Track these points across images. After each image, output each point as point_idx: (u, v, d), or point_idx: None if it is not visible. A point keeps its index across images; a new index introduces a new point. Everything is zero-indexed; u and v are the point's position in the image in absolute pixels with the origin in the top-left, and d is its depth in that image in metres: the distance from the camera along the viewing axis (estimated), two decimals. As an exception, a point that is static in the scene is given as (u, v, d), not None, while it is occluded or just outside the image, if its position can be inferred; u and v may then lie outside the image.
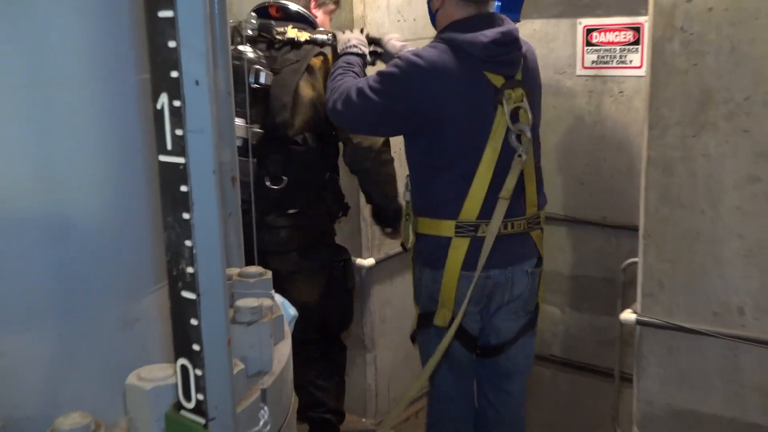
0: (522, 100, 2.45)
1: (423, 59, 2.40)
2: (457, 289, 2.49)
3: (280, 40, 2.82)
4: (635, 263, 2.64)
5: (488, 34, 2.39)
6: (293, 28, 2.81)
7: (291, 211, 2.88)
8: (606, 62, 3.37)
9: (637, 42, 2.78)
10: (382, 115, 2.47)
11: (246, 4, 3.45)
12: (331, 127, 2.85)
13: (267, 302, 1.43)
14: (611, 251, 3.59)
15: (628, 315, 2.63)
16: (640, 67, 2.87)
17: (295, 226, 2.89)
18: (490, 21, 2.47)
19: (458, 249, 2.48)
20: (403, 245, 2.73)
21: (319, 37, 2.82)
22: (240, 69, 2.57)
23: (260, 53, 2.74)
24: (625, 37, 2.82)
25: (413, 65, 2.39)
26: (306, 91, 2.79)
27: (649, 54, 2.43)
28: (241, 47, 2.68)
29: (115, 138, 1.19)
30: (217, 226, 1.00)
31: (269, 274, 1.55)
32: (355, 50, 2.69)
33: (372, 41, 2.81)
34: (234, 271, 1.56)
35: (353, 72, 2.60)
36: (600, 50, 3.24)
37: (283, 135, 2.77)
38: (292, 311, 1.71)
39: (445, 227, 2.49)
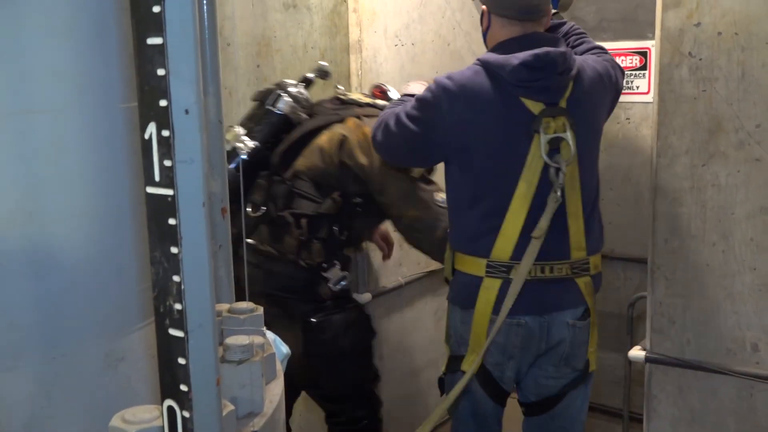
0: (564, 131, 2.23)
1: (453, 81, 2.27)
2: (487, 333, 2.29)
3: (344, 99, 2.82)
4: (644, 297, 2.57)
5: (520, 56, 2.20)
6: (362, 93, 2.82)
7: (260, 247, 2.66)
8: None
9: (644, 67, 2.73)
10: (419, 143, 2.34)
11: (238, 29, 3.41)
12: (348, 189, 2.66)
13: (258, 340, 1.40)
14: (619, 285, 3.52)
15: (636, 352, 2.56)
16: (647, 92, 2.83)
17: (259, 266, 2.65)
18: (534, 41, 2.27)
19: (489, 290, 2.30)
20: (446, 279, 2.54)
21: (380, 102, 2.78)
22: (268, 94, 2.69)
23: (305, 93, 2.73)
24: (631, 62, 2.77)
25: (443, 88, 2.27)
26: (322, 139, 2.66)
27: (656, 80, 2.38)
28: (290, 80, 2.74)
29: (100, 168, 1.18)
30: (207, 260, 0.96)
31: (260, 310, 1.51)
32: (410, 90, 2.58)
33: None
34: (224, 306, 1.52)
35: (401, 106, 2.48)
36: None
37: (274, 165, 2.68)
38: (285, 349, 1.66)
39: (477, 265, 2.32)
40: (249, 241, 2.64)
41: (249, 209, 2.65)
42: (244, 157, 2.59)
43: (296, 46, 3.23)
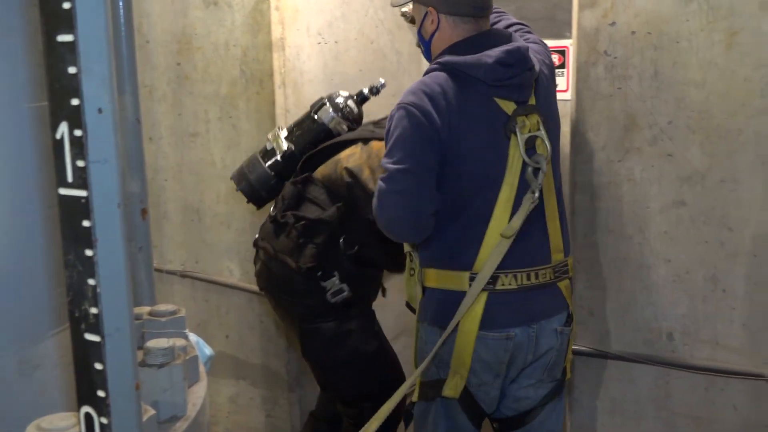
0: (538, 129, 2.13)
1: (422, 94, 2.08)
2: (473, 352, 2.13)
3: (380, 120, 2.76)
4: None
5: (492, 54, 2.08)
6: None
7: (260, 243, 2.71)
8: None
9: (562, 66, 2.77)
10: (423, 184, 2.09)
11: (158, 26, 3.35)
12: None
13: (180, 342, 1.38)
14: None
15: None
16: (566, 90, 2.88)
17: (264, 263, 2.72)
18: (494, 39, 2.16)
19: (475, 306, 2.10)
20: (408, 304, 2.36)
21: None
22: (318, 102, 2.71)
23: (352, 106, 2.72)
24: (550, 61, 2.83)
25: (414, 106, 2.07)
26: (345, 152, 2.61)
27: (573, 78, 2.43)
28: (343, 92, 2.74)
29: (7, 170, 1.11)
30: (123, 263, 0.94)
31: (183, 311, 1.48)
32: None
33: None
34: (144, 309, 1.49)
35: None
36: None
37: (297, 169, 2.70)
38: (208, 351, 1.64)
39: (458, 280, 2.13)
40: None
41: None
42: (278, 158, 2.69)
43: (218, 44, 3.19)
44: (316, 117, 2.69)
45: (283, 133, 2.73)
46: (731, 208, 2.26)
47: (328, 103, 2.69)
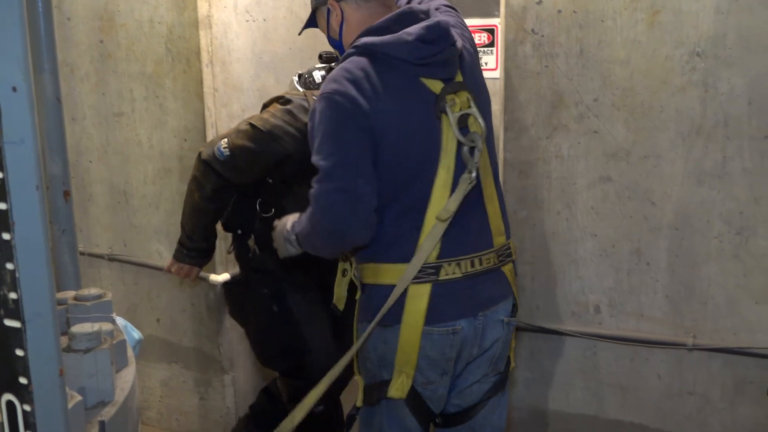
0: (469, 106, 2.02)
1: (345, 81, 1.94)
2: (419, 349, 2.01)
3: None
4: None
5: (411, 31, 1.96)
6: None
7: None
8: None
9: (491, 44, 2.78)
10: (363, 175, 1.95)
11: (79, 3, 3.25)
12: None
13: (106, 327, 1.35)
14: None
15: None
16: (495, 69, 2.89)
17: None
18: (409, 17, 2.03)
19: (418, 298, 1.99)
20: (335, 307, 2.22)
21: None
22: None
23: (316, 75, 2.75)
24: (479, 39, 2.81)
25: (338, 94, 1.93)
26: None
27: (502, 57, 2.45)
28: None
29: None
30: (44, 246, 0.92)
31: (109, 295, 1.44)
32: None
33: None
34: (69, 294, 1.45)
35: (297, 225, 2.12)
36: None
37: None
38: (137, 335, 1.61)
39: (399, 273, 2.00)
40: None
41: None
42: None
43: (142, 21, 3.10)
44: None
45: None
46: (654, 183, 2.32)
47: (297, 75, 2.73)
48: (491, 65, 3.25)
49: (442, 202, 1.99)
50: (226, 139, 2.53)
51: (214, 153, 2.51)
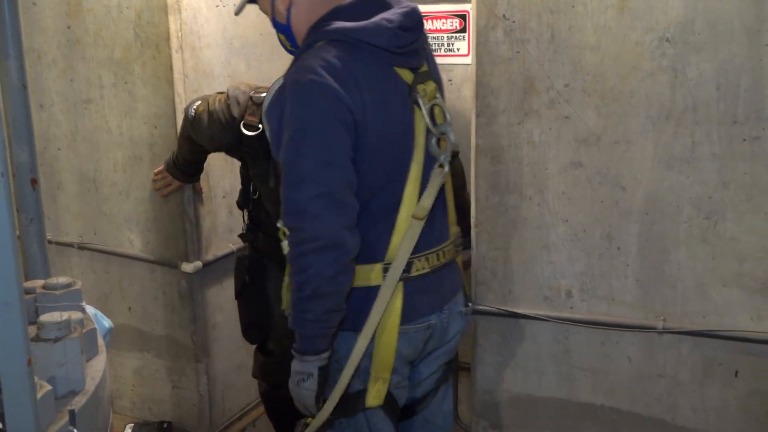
0: (435, 96, 1.96)
1: (322, 70, 1.79)
2: (396, 351, 1.93)
3: None
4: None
5: (391, 18, 1.85)
6: None
7: None
8: (434, 50, 3.36)
9: (463, 30, 2.78)
10: (348, 177, 1.81)
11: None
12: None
13: (76, 315, 1.34)
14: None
15: (463, 304, 2.64)
16: (467, 55, 2.89)
17: None
18: (379, 2, 1.93)
19: (393, 299, 1.90)
20: (285, 312, 2.03)
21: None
22: None
23: None
24: (452, 25, 2.81)
25: (316, 86, 1.78)
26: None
27: (474, 42, 2.45)
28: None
29: None
30: (9, 235, 0.90)
31: (78, 284, 1.43)
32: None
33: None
34: (38, 283, 1.44)
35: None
36: (428, 37, 3.23)
37: None
38: (107, 323, 1.59)
39: (371, 273, 1.90)
40: None
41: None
42: None
43: (110, 6, 3.06)
44: None
45: None
46: (624, 168, 2.33)
47: None
48: (463, 51, 3.26)
49: (414, 198, 1.92)
50: (199, 102, 2.68)
51: (188, 109, 2.70)
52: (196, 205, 3.15)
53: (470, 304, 2.19)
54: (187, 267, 3.14)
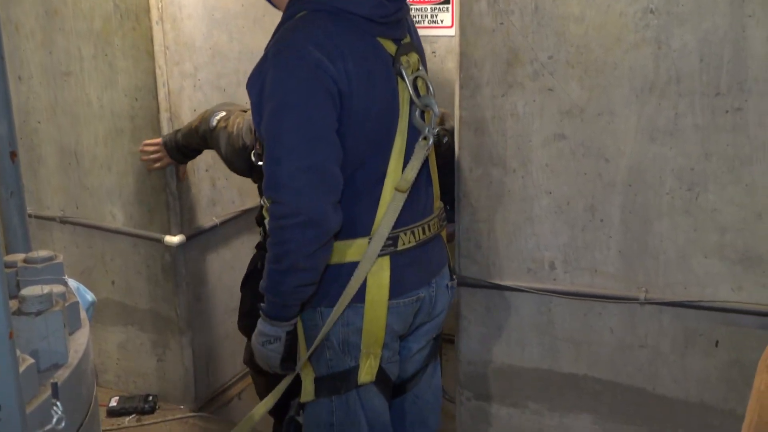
0: (419, 68, 1.94)
1: (305, 41, 1.75)
2: (387, 325, 1.93)
3: None
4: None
5: None
6: None
7: None
8: (418, 22, 3.36)
9: (447, 1, 2.76)
10: (334, 151, 1.78)
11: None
12: None
13: (58, 289, 1.33)
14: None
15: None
16: (450, 26, 2.87)
17: None
18: None
19: (380, 272, 1.90)
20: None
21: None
22: None
23: None
24: (436, -4, 2.79)
25: (298, 57, 1.74)
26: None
27: (457, 13, 2.43)
28: None
29: None
30: (-13, 207, 0.87)
31: (60, 257, 1.42)
32: None
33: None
34: (19, 257, 1.42)
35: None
36: (411, 9, 3.22)
37: None
38: (90, 297, 1.59)
39: (357, 248, 1.89)
40: None
41: None
42: None
43: (88, -24, 3.01)
44: None
45: None
46: (608, 140, 2.34)
47: None
48: (447, 23, 3.24)
49: (398, 171, 1.91)
50: (223, 115, 2.64)
51: (210, 117, 2.68)
52: (178, 178, 3.13)
53: (455, 277, 2.19)
54: (171, 240, 3.13)
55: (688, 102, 2.22)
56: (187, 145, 2.88)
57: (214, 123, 2.65)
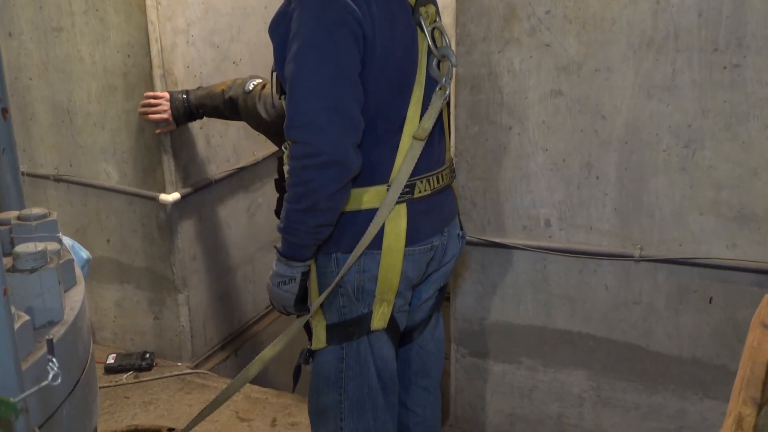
0: (436, 20, 1.96)
1: None
2: (402, 272, 1.95)
3: None
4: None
5: None
6: None
7: None
8: (412, -25, 3.30)
9: (442, -46, 2.72)
10: (356, 91, 1.79)
11: None
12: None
13: (52, 246, 1.32)
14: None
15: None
16: (446, -19, 2.84)
17: None
18: None
19: (397, 219, 1.91)
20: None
21: None
22: None
23: None
24: (430, -51, 2.76)
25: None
26: None
27: (453, -32, 2.39)
28: None
29: None
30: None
31: (54, 215, 1.41)
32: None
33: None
34: (12, 214, 1.42)
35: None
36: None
37: None
38: (85, 254, 1.58)
39: (376, 195, 1.89)
40: None
41: None
42: None
43: (78, -70, 2.96)
44: None
45: None
46: (605, 96, 2.32)
47: None
48: (443, -23, 3.20)
49: (415, 119, 1.91)
50: (260, 81, 2.70)
51: (246, 82, 2.73)
52: (173, 135, 3.11)
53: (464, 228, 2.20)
54: (165, 198, 3.11)
55: (685, 58, 2.20)
56: (199, 106, 2.89)
57: (251, 87, 2.69)
